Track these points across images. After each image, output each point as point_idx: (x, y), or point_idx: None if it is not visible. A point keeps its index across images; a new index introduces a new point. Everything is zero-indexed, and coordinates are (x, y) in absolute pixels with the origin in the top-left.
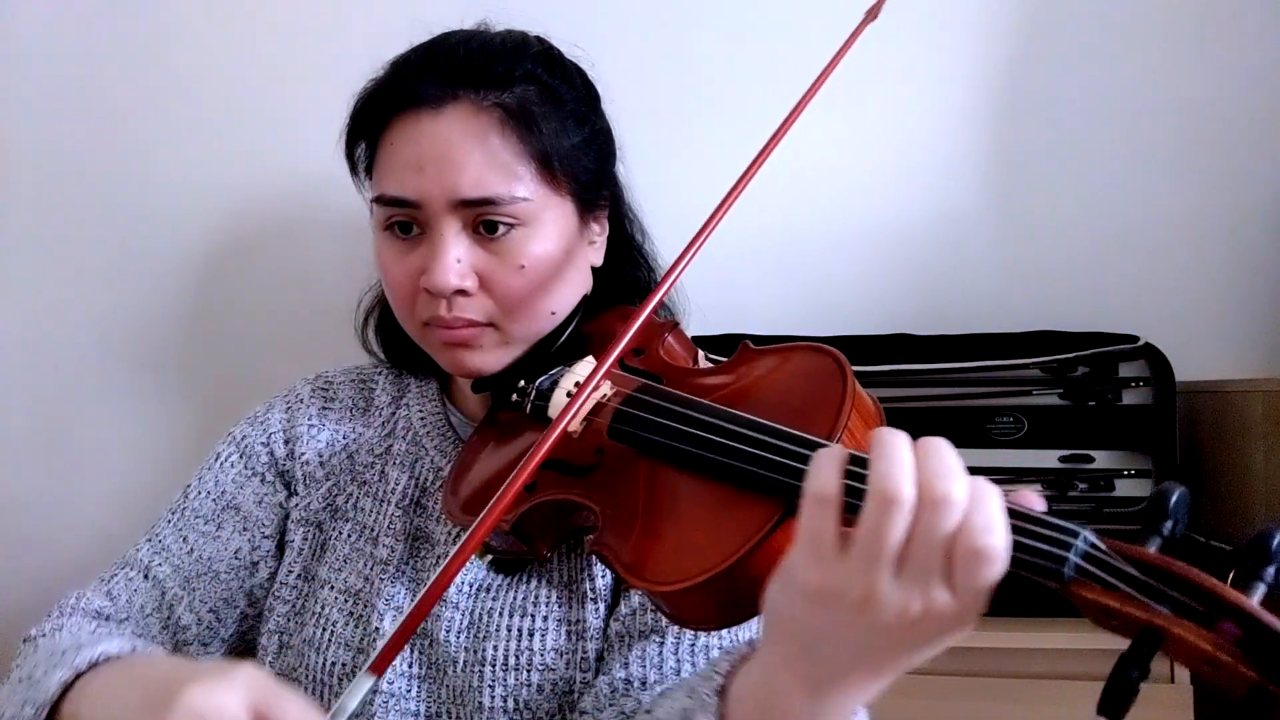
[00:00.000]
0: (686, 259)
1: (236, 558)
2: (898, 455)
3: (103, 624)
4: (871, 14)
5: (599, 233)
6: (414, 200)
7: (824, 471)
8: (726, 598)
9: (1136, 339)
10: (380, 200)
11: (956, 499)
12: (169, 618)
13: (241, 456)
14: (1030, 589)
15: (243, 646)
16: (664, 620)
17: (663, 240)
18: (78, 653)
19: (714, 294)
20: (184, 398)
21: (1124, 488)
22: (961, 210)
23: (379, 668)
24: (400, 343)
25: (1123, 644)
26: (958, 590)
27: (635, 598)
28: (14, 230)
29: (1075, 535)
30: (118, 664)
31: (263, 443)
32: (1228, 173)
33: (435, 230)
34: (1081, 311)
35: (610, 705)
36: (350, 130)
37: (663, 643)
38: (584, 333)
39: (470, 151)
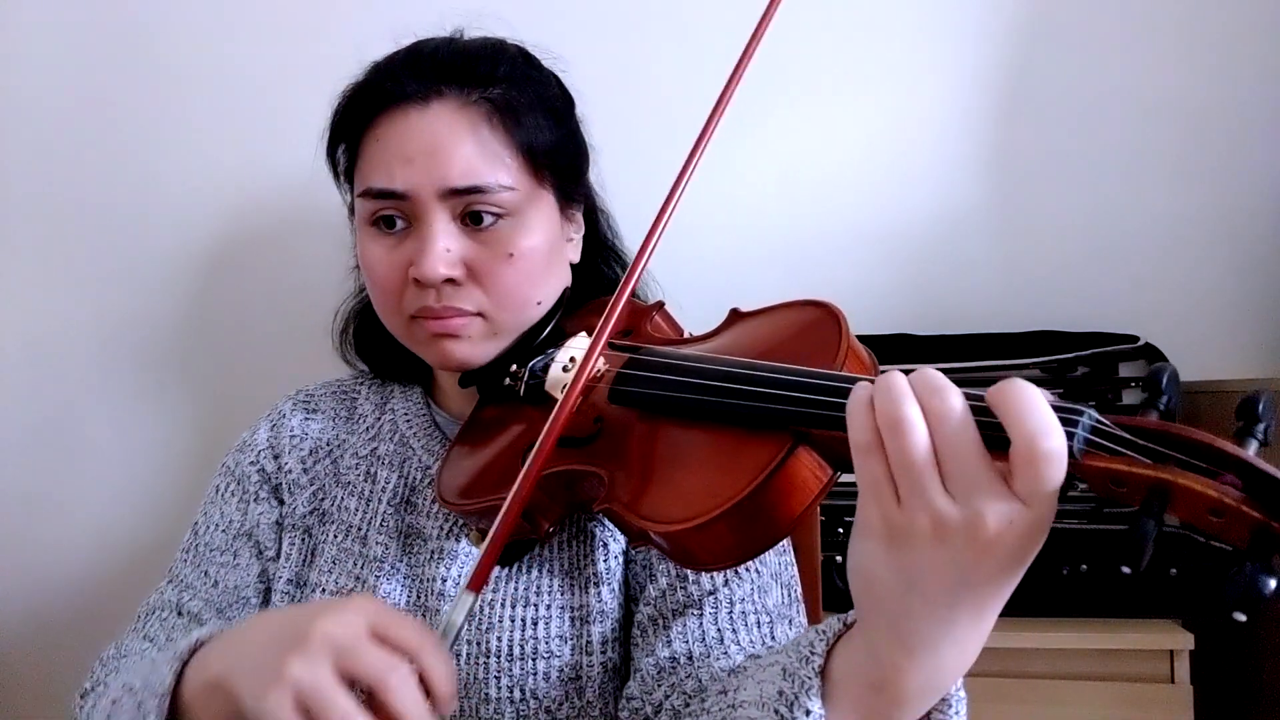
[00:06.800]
0: (654, 241)
1: (261, 581)
2: (894, 383)
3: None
4: None
5: (576, 230)
6: (402, 191)
7: (856, 420)
8: (743, 531)
9: (1136, 339)
10: (367, 194)
11: (955, 405)
12: None
13: (238, 484)
14: (1030, 588)
15: None
16: (696, 594)
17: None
18: (172, 648)
19: (714, 294)
20: (184, 398)
21: None
22: (962, 211)
23: (476, 585)
24: (383, 352)
25: (1116, 644)
26: (1024, 496)
27: (662, 579)
28: (13, 232)
29: (1080, 413)
30: (220, 635)
31: (251, 462)
32: (1228, 173)
33: (424, 221)
34: (1081, 311)
35: (659, 685)
36: (333, 130)
37: (701, 614)
38: (563, 329)
39: (460, 143)
